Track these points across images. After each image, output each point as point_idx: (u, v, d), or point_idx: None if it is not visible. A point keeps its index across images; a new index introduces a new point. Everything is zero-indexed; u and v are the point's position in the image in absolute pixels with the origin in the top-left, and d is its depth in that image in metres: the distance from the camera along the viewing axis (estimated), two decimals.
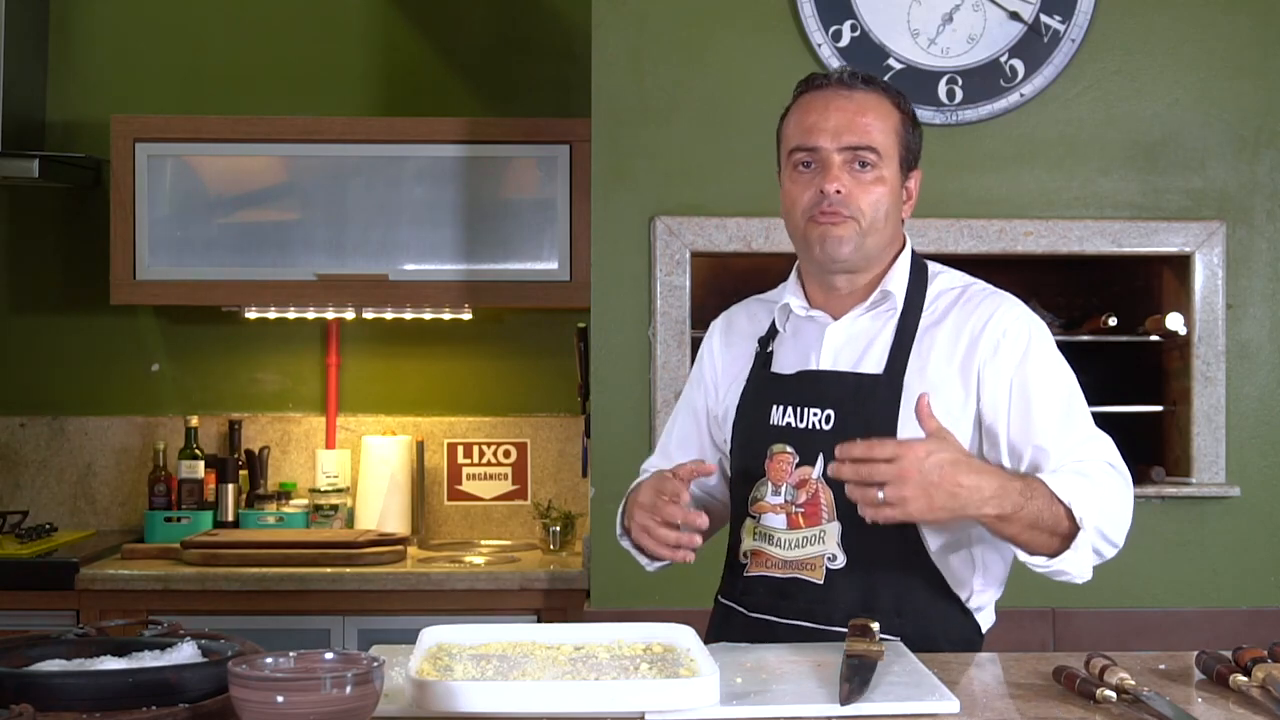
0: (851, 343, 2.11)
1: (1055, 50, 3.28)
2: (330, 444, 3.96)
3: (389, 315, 3.83)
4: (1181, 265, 3.32)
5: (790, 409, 2.10)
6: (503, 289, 3.67)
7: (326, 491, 3.83)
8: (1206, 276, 3.29)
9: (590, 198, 3.32)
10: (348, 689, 1.38)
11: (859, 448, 1.83)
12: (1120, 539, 1.98)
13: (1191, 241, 3.29)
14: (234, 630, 1.80)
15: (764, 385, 2.16)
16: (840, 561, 2.04)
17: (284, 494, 3.87)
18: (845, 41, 3.27)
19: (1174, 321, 3.28)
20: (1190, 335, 3.29)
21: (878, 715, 1.62)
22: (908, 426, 2.00)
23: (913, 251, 2.17)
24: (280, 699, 1.36)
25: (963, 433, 2.01)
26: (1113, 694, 1.67)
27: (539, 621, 3.32)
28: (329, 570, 3.39)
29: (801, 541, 2.06)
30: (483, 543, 3.85)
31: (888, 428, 2.02)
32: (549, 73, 3.98)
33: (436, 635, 1.84)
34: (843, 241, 2.05)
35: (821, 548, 2.05)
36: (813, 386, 2.10)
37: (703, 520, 2.00)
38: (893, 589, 2.03)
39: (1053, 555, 1.92)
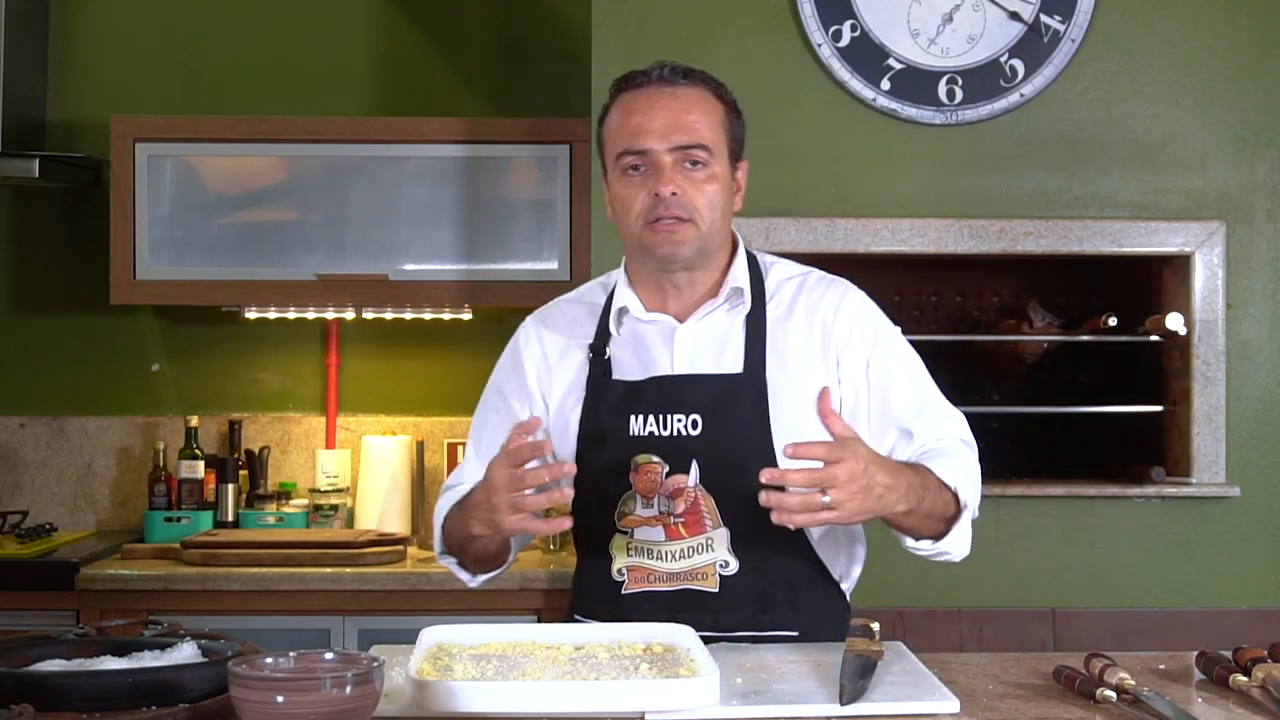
0: (704, 343, 2.08)
1: (1055, 50, 3.28)
2: (330, 444, 3.96)
3: (389, 315, 3.83)
4: (1181, 265, 3.32)
5: (651, 417, 2.04)
6: (503, 289, 3.67)
7: (326, 491, 3.83)
8: (1206, 276, 3.29)
9: (590, 198, 3.32)
10: (348, 689, 1.38)
11: (818, 449, 1.81)
12: (977, 510, 2.04)
13: (1191, 241, 3.29)
14: (234, 630, 1.80)
15: (613, 394, 2.08)
16: (733, 567, 2.03)
17: (284, 494, 3.87)
18: (845, 41, 3.27)
19: (1174, 321, 3.28)
20: (1190, 335, 3.29)
21: (878, 715, 1.63)
22: (779, 423, 2.02)
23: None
24: (280, 699, 1.36)
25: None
26: (1113, 694, 1.68)
27: (539, 621, 3.31)
28: (329, 570, 3.39)
29: (687, 551, 2.03)
30: None
31: (759, 426, 2.02)
32: (549, 73, 3.97)
33: (436, 635, 1.85)
34: (684, 244, 2.04)
35: (711, 555, 2.03)
36: (673, 392, 2.05)
37: (571, 467, 1.91)
38: (786, 585, 2.04)
39: (937, 538, 1.98)
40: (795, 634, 2.02)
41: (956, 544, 2.00)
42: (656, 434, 2.04)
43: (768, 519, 1.99)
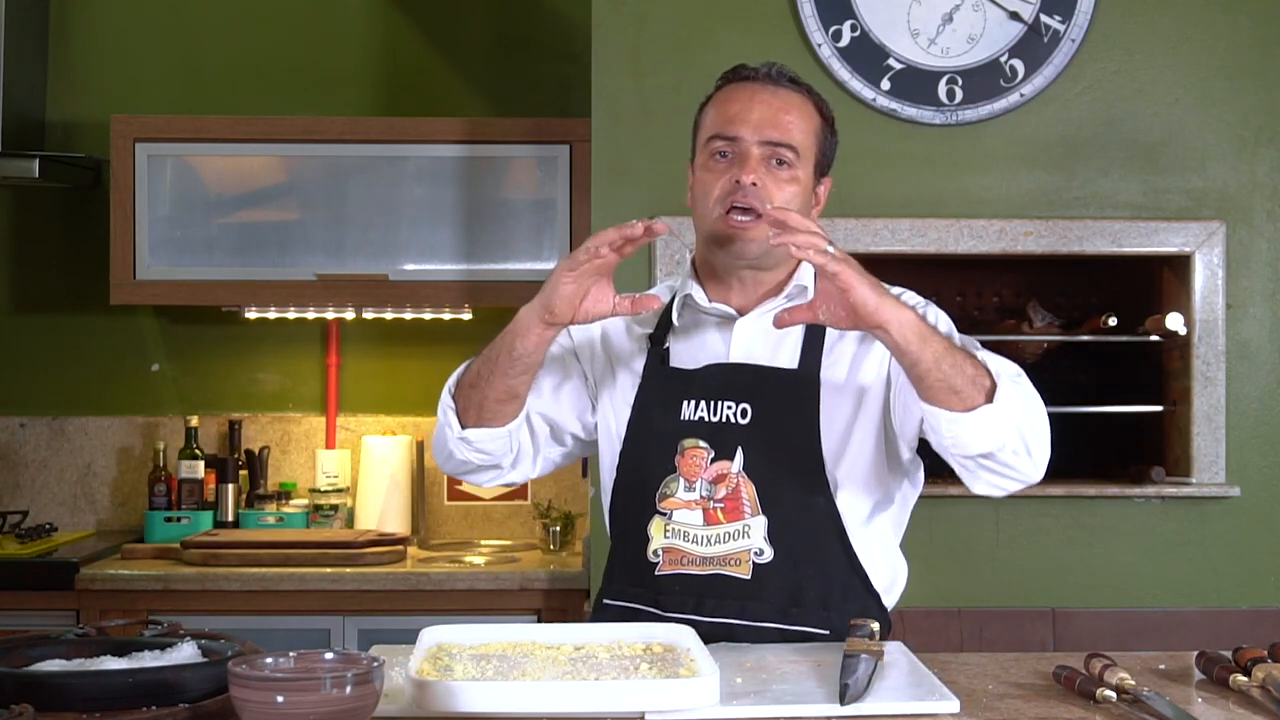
0: (762, 337, 2.09)
1: (1055, 50, 3.27)
2: (330, 444, 3.96)
3: (389, 315, 3.83)
4: (1181, 265, 3.32)
5: (702, 403, 2.07)
6: (503, 289, 3.67)
7: (326, 491, 3.83)
8: (1206, 276, 3.29)
9: (590, 198, 3.32)
10: (348, 689, 1.38)
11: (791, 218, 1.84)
12: (1041, 443, 1.94)
13: (1191, 241, 3.29)
14: (234, 630, 1.80)
15: (668, 380, 2.11)
16: (768, 555, 2.02)
17: (284, 494, 3.87)
18: (845, 41, 3.27)
19: (1174, 321, 3.28)
20: (1190, 335, 3.29)
21: (878, 715, 1.63)
22: (827, 419, 2.03)
23: None
24: (280, 699, 1.36)
25: (880, 412, 2.05)
26: (1113, 694, 1.67)
27: (539, 621, 3.32)
28: (329, 570, 3.39)
29: (723, 537, 2.04)
30: (483, 543, 3.85)
31: (808, 420, 2.03)
32: (549, 73, 3.98)
33: (436, 635, 1.85)
34: (753, 242, 2.04)
35: (747, 542, 2.03)
36: (726, 379, 2.08)
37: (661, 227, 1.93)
38: (820, 582, 2.03)
39: (973, 409, 1.85)
40: (826, 633, 2.00)
41: (998, 421, 1.85)
42: (706, 419, 2.06)
43: (808, 511, 2.01)
